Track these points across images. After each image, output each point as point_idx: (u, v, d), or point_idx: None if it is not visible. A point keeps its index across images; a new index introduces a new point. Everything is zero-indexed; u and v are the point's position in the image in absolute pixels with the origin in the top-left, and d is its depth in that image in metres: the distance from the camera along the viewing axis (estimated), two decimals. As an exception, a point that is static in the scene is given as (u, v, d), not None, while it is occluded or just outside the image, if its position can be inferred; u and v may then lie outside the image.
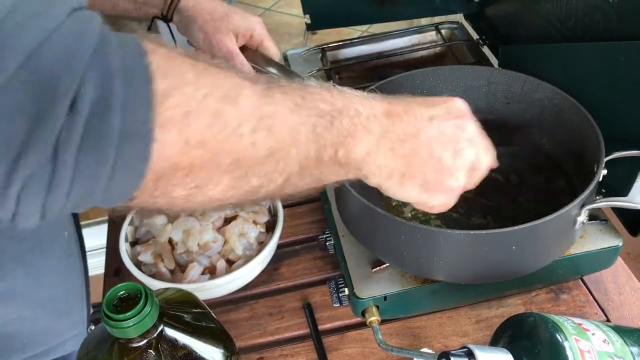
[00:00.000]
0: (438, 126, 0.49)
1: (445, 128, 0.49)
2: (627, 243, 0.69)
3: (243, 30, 0.79)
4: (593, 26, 0.70)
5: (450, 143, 0.49)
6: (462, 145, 0.50)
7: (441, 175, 0.49)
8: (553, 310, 0.70)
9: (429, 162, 0.48)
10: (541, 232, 0.59)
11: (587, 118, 0.67)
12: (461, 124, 0.50)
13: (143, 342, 0.46)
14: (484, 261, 0.61)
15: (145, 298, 0.45)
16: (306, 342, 0.71)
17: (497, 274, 0.63)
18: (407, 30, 1.11)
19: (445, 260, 0.61)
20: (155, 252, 0.74)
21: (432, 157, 0.48)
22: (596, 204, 0.60)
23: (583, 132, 0.67)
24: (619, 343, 0.51)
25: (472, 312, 0.71)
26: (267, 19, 2.87)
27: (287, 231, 0.85)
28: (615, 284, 0.73)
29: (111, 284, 0.79)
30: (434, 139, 0.48)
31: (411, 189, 0.49)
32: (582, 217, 0.60)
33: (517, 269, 0.63)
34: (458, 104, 0.51)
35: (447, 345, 0.68)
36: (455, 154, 0.49)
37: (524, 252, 0.60)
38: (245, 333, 0.73)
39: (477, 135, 0.51)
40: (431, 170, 0.48)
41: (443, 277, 0.64)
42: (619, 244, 0.68)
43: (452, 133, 0.49)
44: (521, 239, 0.59)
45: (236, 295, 0.77)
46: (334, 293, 0.69)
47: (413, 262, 0.63)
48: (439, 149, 0.48)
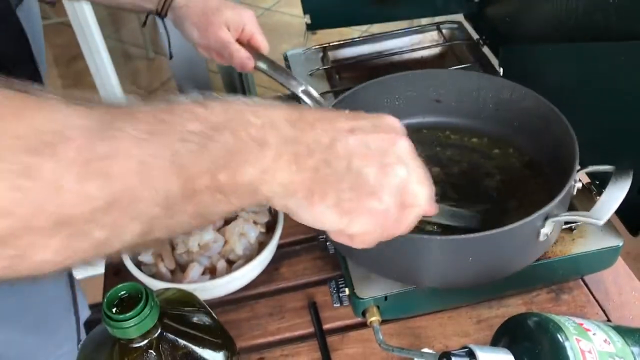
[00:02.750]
0: (361, 138, 0.40)
1: (370, 141, 0.40)
2: (627, 243, 0.69)
3: (235, 24, 0.79)
4: (593, 26, 0.69)
5: (374, 157, 0.40)
6: (390, 160, 0.40)
7: (360, 194, 0.39)
8: (554, 310, 0.70)
9: (345, 177, 0.39)
10: (501, 242, 0.59)
11: (568, 129, 0.66)
12: (392, 139, 0.41)
13: (144, 342, 0.46)
14: (446, 267, 0.61)
15: (145, 298, 0.45)
16: (307, 342, 0.71)
17: (462, 281, 0.63)
18: (408, 30, 1.11)
19: (409, 264, 0.61)
20: (156, 252, 0.74)
21: (349, 171, 0.39)
22: (559, 217, 0.59)
23: (565, 144, 0.66)
24: (620, 343, 0.51)
25: (473, 312, 0.71)
26: (267, 19, 2.87)
27: (287, 231, 0.85)
28: (615, 284, 0.73)
29: (111, 284, 0.79)
30: (353, 151, 0.39)
31: (324, 210, 0.39)
32: (547, 229, 0.59)
33: (480, 276, 0.63)
34: (390, 120, 0.43)
35: (447, 346, 0.68)
36: (381, 170, 0.40)
37: (483, 260, 0.60)
38: (245, 333, 0.72)
39: (412, 157, 0.42)
40: (347, 187, 0.39)
41: (413, 283, 0.65)
42: (619, 244, 0.68)
43: (379, 147, 0.40)
44: (481, 247, 0.58)
45: (236, 296, 0.77)
46: (334, 293, 0.69)
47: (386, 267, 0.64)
48: (358, 162, 0.39)
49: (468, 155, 0.79)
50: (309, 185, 0.38)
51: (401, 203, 0.41)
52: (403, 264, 0.62)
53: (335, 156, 0.39)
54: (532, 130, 0.75)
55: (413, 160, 0.42)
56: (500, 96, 0.76)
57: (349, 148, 0.39)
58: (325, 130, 0.39)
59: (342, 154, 0.39)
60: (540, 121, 0.73)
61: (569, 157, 0.64)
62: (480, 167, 0.77)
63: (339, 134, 0.39)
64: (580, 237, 0.69)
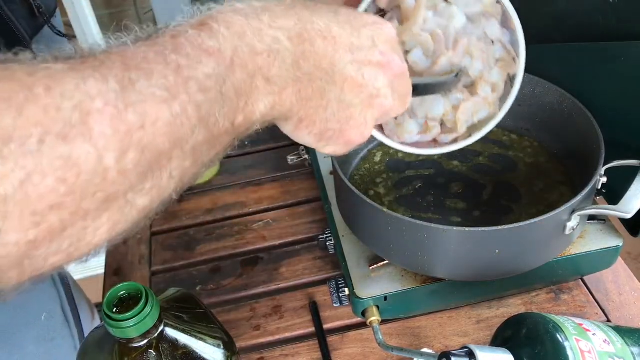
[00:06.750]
0: (358, 66, 0.41)
1: (365, 71, 0.41)
2: (627, 243, 0.69)
3: None
4: (593, 26, 0.70)
5: (366, 87, 0.41)
6: (379, 90, 0.42)
7: (344, 127, 0.42)
8: (553, 310, 0.70)
9: (334, 107, 0.40)
10: (527, 235, 0.59)
11: (593, 124, 0.67)
12: (386, 65, 0.42)
13: (144, 342, 0.46)
14: (469, 259, 0.61)
15: (145, 298, 0.45)
16: (307, 342, 0.71)
17: (486, 273, 0.63)
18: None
19: (431, 254, 0.61)
20: None
21: (340, 102, 0.40)
22: (586, 210, 0.60)
23: (588, 138, 0.68)
24: (619, 343, 0.51)
25: (473, 312, 0.71)
26: (267, 19, 2.86)
27: (287, 231, 0.85)
28: (615, 284, 0.73)
29: (111, 284, 0.79)
30: (348, 78, 0.40)
31: (305, 135, 0.41)
32: (573, 222, 0.60)
33: (504, 269, 0.63)
34: (387, 31, 0.43)
35: (447, 346, 0.68)
36: (368, 102, 0.42)
37: (509, 253, 0.60)
38: (245, 333, 0.72)
39: (399, 79, 0.44)
40: (334, 118, 0.41)
41: (431, 273, 0.64)
42: (619, 244, 0.68)
43: (371, 76, 0.42)
44: (506, 239, 0.59)
45: (236, 295, 0.77)
46: (334, 293, 0.69)
47: (400, 255, 0.64)
48: (350, 93, 0.41)
49: (489, 149, 0.79)
50: (301, 115, 0.39)
51: (376, 121, 0.44)
52: (431, 257, 0.61)
53: (331, 82, 0.39)
54: (555, 125, 0.76)
55: (400, 83, 0.44)
56: (522, 91, 0.76)
57: (345, 74, 0.40)
58: (327, 51, 0.39)
59: (337, 80, 0.40)
60: (563, 116, 0.74)
61: (592, 151, 0.65)
62: (501, 162, 0.77)
63: (339, 56, 0.39)
64: (580, 237, 0.69)
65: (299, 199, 0.90)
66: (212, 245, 0.85)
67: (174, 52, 0.31)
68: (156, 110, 0.30)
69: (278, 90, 0.36)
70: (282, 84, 0.37)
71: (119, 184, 0.29)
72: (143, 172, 0.30)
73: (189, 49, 0.32)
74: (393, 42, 0.44)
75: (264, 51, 0.35)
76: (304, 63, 0.37)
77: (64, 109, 0.26)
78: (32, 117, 0.25)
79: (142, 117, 0.29)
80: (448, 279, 0.65)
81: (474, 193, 0.73)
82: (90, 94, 0.27)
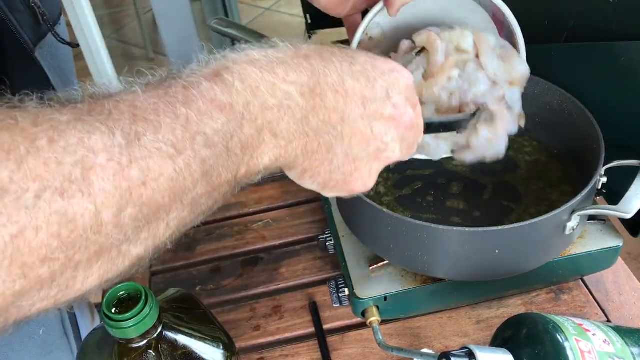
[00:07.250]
0: (368, 120, 0.40)
1: (375, 125, 0.41)
2: (627, 243, 0.69)
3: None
4: (593, 26, 0.69)
5: (374, 141, 0.41)
6: (386, 145, 0.42)
7: (347, 179, 0.42)
8: (553, 310, 0.70)
9: (340, 161, 0.40)
10: (527, 235, 0.59)
11: (593, 124, 0.67)
12: (396, 118, 0.42)
13: (143, 342, 0.46)
14: (469, 259, 0.61)
15: (145, 298, 0.45)
16: (306, 342, 0.71)
17: (486, 273, 0.63)
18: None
19: (430, 255, 0.61)
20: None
21: (346, 156, 0.40)
22: (586, 211, 0.60)
23: (588, 138, 0.67)
24: (619, 343, 0.51)
25: (473, 312, 0.71)
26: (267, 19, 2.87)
27: (287, 231, 0.85)
28: (615, 284, 0.73)
29: (111, 284, 0.79)
30: (357, 132, 0.40)
31: (309, 183, 0.42)
32: (573, 222, 0.60)
33: (504, 269, 0.63)
34: (404, 80, 0.42)
35: (447, 346, 0.68)
36: (375, 156, 0.42)
37: (509, 253, 0.60)
38: (245, 333, 0.72)
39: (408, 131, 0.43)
40: (340, 172, 0.41)
41: (431, 273, 0.64)
42: (619, 244, 0.68)
43: (380, 131, 0.41)
44: (506, 240, 0.58)
45: (236, 296, 0.77)
46: (334, 293, 0.69)
47: (400, 256, 0.64)
48: (358, 147, 0.41)
49: None
50: (305, 165, 0.39)
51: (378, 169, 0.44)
52: (431, 257, 0.61)
53: (339, 137, 0.39)
54: (554, 125, 0.76)
55: (409, 135, 0.44)
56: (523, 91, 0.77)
57: (354, 129, 0.39)
58: (338, 104, 0.38)
59: (345, 134, 0.39)
60: (563, 116, 0.74)
61: (592, 151, 0.65)
62: (501, 162, 0.77)
63: (350, 109, 0.39)
64: (580, 238, 0.69)
65: (299, 199, 0.90)
66: (212, 246, 0.85)
67: (184, 104, 0.31)
68: (160, 165, 0.29)
69: (284, 144, 0.36)
70: (289, 137, 0.36)
71: (114, 237, 0.29)
72: (140, 226, 0.30)
73: (201, 103, 0.31)
74: (409, 91, 0.43)
75: (275, 106, 0.35)
76: (313, 118, 0.37)
77: (65, 163, 0.26)
78: (32, 171, 0.25)
79: (145, 173, 0.29)
80: (448, 279, 0.65)
81: (474, 193, 0.73)
82: (94, 148, 0.27)
